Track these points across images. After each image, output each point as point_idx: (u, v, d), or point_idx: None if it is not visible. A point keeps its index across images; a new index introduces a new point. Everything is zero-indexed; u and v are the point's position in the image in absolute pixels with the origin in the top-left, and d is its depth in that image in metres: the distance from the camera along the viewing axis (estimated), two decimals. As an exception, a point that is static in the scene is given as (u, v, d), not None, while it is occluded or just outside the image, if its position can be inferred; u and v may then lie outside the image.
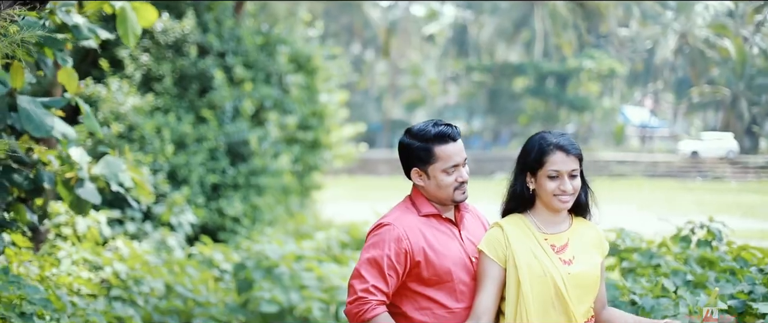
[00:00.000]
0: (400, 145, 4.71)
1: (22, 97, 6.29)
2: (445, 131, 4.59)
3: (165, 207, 13.28)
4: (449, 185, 4.60)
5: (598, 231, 4.69)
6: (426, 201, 4.70)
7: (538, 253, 4.47)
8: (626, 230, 8.05)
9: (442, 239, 4.64)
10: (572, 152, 4.47)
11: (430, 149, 4.57)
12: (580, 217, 4.69)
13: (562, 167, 4.47)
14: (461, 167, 4.65)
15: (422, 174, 4.64)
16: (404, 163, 4.71)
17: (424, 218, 4.66)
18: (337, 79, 19.16)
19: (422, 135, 4.60)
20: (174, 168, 14.31)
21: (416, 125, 4.70)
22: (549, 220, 4.58)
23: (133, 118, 14.00)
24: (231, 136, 15.03)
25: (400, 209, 4.74)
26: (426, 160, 4.59)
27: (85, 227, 9.62)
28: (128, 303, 8.70)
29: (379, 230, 4.61)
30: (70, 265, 8.75)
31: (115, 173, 7.17)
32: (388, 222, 4.61)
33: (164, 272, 9.85)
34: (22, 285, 6.28)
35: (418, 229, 4.60)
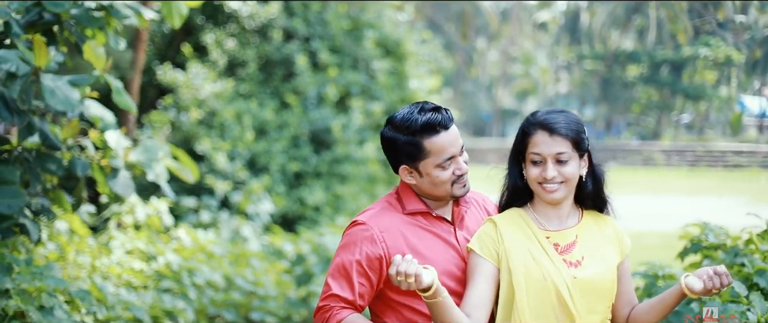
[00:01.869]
0: (382, 139, 4.02)
1: (47, 75, 5.92)
2: (434, 120, 3.88)
3: (242, 196, 12.95)
4: (446, 180, 3.93)
5: (615, 227, 4.01)
6: (414, 197, 4.03)
7: (537, 253, 3.80)
8: (710, 225, 7.33)
9: (430, 242, 3.95)
10: (558, 131, 3.78)
11: (419, 143, 3.89)
12: (593, 211, 4.01)
13: (544, 150, 3.80)
14: (458, 157, 3.95)
15: (413, 172, 3.97)
16: (390, 159, 4.04)
17: (408, 217, 3.98)
18: (429, 64, 18.58)
19: (407, 127, 3.89)
20: (254, 156, 13.97)
21: (399, 113, 3.97)
22: (551, 215, 3.90)
23: (214, 104, 13.72)
24: (314, 123, 14.62)
25: (381, 205, 4.06)
26: (415, 156, 3.91)
27: (145, 215, 9.32)
28: (179, 295, 8.33)
29: (350, 230, 3.96)
30: (124, 254, 8.44)
31: (152, 160, 6.78)
32: (362, 221, 3.95)
33: (225, 263, 9.48)
34: (45, 277, 5.95)
35: (399, 230, 3.93)
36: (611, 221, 4.03)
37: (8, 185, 6.10)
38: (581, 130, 3.83)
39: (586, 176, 3.89)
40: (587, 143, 3.86)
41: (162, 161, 6.92)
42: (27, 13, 6.40)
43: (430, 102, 3.97)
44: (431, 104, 3.96)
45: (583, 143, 3.84)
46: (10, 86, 5.83)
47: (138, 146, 6.94)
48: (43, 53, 5.83)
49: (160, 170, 6.86)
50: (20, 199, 6.06)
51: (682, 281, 3.72)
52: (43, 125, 6.45)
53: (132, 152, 6.85)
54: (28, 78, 5.85)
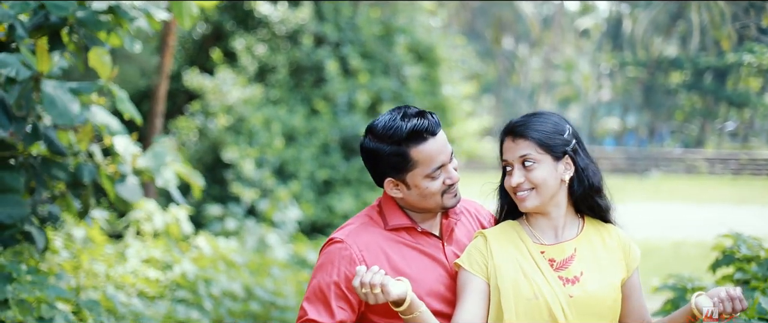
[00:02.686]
0: (363, 151, 3.66)
1: (48, 81, 5.74)
2: (421, 126, 3.53)
3: (269, 203, 12.76)
4: (436, 191, 3.59)
5: (621, 237, 3.67)
6: (398, 211, 3.68)
7: (529, 270, 3.49)
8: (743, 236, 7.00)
9: (415, 261, 3.63)
10: (520, 133, 3.52)
11: (406, 154, 3.54)
12: (597, 220, 3.69)
13: (509, 156, 3.56)
14: (448, 165, 3.62)
15: (399, 184, 3.62)
16: (373, 172, 3.69)
17: (391, 233, 3.65)
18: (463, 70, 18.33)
19: (391, 135, 3.53)
20: (282, 163, 13.79)
21: (379, 120, 3.61)
22: (546, 227, 3.60)
23: (242, 110, 13.56)
24: (344, 129, 14.42)
25: (361, 219, 3.72)
26: (402, 167, 3.57)
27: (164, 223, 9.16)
28: (194, 305, 8.13)
29: (327, 249, 3.63)
30: (139, 263, 8.28)
31: (160, 165, 6.60)
32: (340, 238, 3.60)
33: (245, 273, 9.28)
34: (45, 287, 5.77)
35: (380, 248, 3.59)
36: (617, 231, 3.71)
37: (10, 194, 5.93)
38: (557, 130, 3.56)
39: (572, 180, 3.59)
40: (568, 144, 3.57)
41: (171, 167, 6.74)
42: (34, 16, 6.25)
43: (413, 106, 3.65)
44: (414, 108, 3.63)
45: (557, 145, 3.55)
46: (9, 91, 5.65)
47: (147, 152, 6.76)
48: (45, 58, 5.65)
49: (168, 176, 6.67)
50: (22, 209, 5.89)
51: (693, 300, 3.44)
52: (48, 131, 6.29)
53: (141, 158, 6.67)
54: (29, 84, 5.67)
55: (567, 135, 3.57)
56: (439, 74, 16.16)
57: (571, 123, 3.65)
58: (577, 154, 3.58)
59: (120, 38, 6.64)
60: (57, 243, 8.19)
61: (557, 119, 3.61)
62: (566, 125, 3.60)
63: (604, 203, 3.67)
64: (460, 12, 45.47)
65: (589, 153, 3.68)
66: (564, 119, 3.64)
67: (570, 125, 3.62)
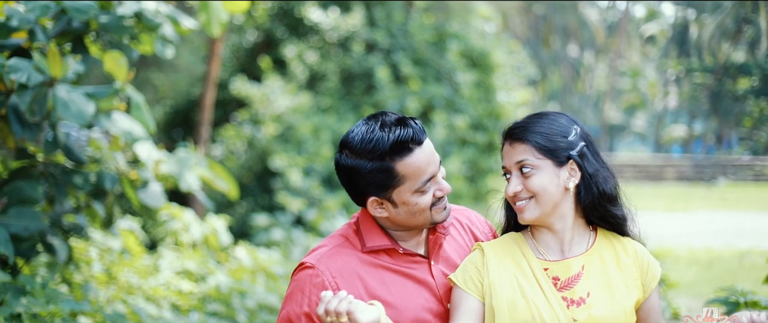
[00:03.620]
0: (339, 169, 3.25)
1: (61, 86, 5.53)
2: (405, 136, 3.13)
3: (317, 213, 12.51)
4: (426, 206, 3.20)
5: (638, 253, 3.28)
6: (377, 230, 3.28)
7: (528, 288, 3.13)
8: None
9: (396, 286, 3.24)
10: (517, 136, 3.18)
11: (391, 169, 3.13)
12: (611, 233, 3.30)
13: (506, 161, 3.22)
14: (437, 175, 3.23)
15: (384, 203, 3.21)
16: (352, 192, 3.26)
17: (369, 256, 3.25)
18: (519, 77, 17.95)
19: (372, 150, 3.12)
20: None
21: (355, 133, 3.18)
22: (552, 241, 3.23)
23: (291, 118, 13.35)
24: (395, 137, 14.09)
25: (335, 241, 3.31)
26: (387, 184, 3.16)
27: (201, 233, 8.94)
28: (227, 318, 7.88)
29: (297, 276, 3.24)
30: (173, 275, 8.06)
31: (184, 171, 6.37)
32: (310, 264, 3.21)
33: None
34: (59, 300, 5.56)
35: (356, 273, 3.20)
36: (634, 246, 3.31)
37: (27, 206, 5.72)
38: (561, 132, 3.19)
39: (579, 188, 3.21)
40: (573, 148, 3.20)
41: (194, 171, 6.50)
42: (58, 22, 6.07)
43: (391, 112, 3.24)
44: (392, 114, 3.22)
45: (559, 149, 3.18)
46: (21, 96, 5.44)
47: (171, 158, 6.54)
48: (58, 63, 5.43)
49: (191, 180, 6.44)
50: (38, 221, 5.68)
51: None
52: (68, 139, 6.09)
53: (164, 164, 6.45)
54: (42, 89, 5.46)
55: (573, 137, 3.20)
56: (494, 80, 15.81)
57: (582, 125, 3.27)
58: (584, 158, 3.20)
59: (151, 44, 6.47)
60: (92, 254, 8.03)
61: (564, 121, 3.24)
62: (573, 126, 3.23)
63: (619, 213, 3.28)
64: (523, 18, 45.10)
65: (604, 158, 3.29)
66: (573, 120, 3.27)
67: (579, 127, 3.25)
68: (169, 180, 6.45)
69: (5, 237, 5.46)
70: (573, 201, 3.22)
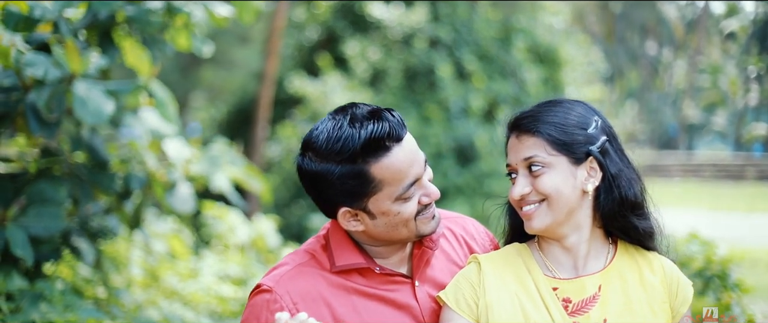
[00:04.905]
0: (302, 174, 2.75)
1: (81, 82, 5.22)
2: (380, 131, 2.63)
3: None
4: (410, 215, 2.70)
5: (666, 271, 2.77)
6: (349, 245, 2.79)
7: (532, 312, 2.63)
8: None
9: (371, 312, 2.75)
10: (526, 128, 2.69)
11: (365, 173, 2.64)
12: (632, 245, 2.79)
13: (512, 158, 2.73)
14: (423, 177, 2.73)
15: (359, 214, 2.72)
16: (320, 202, 2.78)
17: (338, 277, 2.76)
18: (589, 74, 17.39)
19: (341, 151, 2.63)
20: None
21: (320, 130, 2.70)
22: (563, 254, 2.73)
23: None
24: (458, 136, 13.68)
25: (299, 258, 2.82)
26: (361, 192, 2.67)
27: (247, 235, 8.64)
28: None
29: (252, 300, 2.76)
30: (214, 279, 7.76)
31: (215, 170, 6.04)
32: (268, 286, 2.72)
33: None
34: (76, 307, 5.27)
35: (322, 298, 2.71)
36: (662, 263, 2.80)
37: (49, 206, 5.44)
38: (579, 123, 2.71)
39: (599, 192, 2.71)
40: (593, 142, 2.70)
41: (225, 171, 6.16)
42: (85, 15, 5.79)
43: (362, 103, 2.76)
44: (364, 106, 2.73)
45: (577, 143, 2.69)
46: (39, 93, 5.15)
47: (202, 157, 6.22)
48: (76, 57, 5.12)
49: (221, 180, 6.10)
50: (59, 221, 5.39)
51: None
52: (93, 138, 5.80)
53: (195, 164, 6.13)
54: (60, 85, 5.17)
55: (593, 130, 2.71)
56: (562, 77, 15.28)
57: (603, 115, 2.79)
58: (606, 156, 2.71)
59: (188, 39, 6.17)
60: (135, 256, 7.79)
61: (582, 109, 2.77)
62: (593, 116, 2.75)
63: (645, 225, 2.76)
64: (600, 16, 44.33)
65: (628, 155, 2.80)
66: (592, 109, 2.79)
67: (599, 117, 2.77)
68: (199, 181, 6.13)
69: (23, 239, 5.20)
70: (591, 207, 2.73)
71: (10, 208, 5.37)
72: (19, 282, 5.23)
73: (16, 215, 5.35)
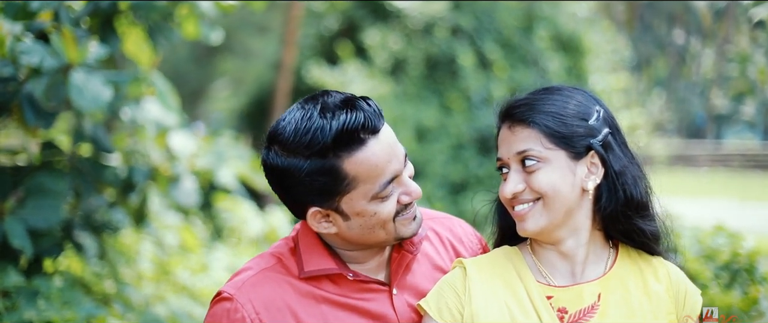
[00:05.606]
0: (267, 169, 2.52)
1: (79, 71, 5.03)
2: (353, 122, 2.39)
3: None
4: (388, 216, 2.46)
5: (673, 278, 2.50)
6: (320, 249, 2.55)
7: (522, 321, 2.37)
8: None
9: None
10: (521, 118, 2.45)
11: (336, 169, 2.40)
12: (635, 250, 2.52)
13: (503, 152, 2.48)
14: (402, 174, 2.50)
15: (331, 215, 2.49)
16: (287, 200, 2.55)
17: (307, 285, 2.52)
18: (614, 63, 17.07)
19: (309, 144, 2.39)
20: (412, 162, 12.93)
21: (287, 120, 2.45)
22: (559, 259, 2.47)
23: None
24: (479, 126, 13.44)
25: (265, 262, 2.58)
26: (332, 190, 2.43)
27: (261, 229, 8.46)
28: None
29: (213, 309, 2.54)
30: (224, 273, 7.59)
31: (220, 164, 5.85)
32: (229, 294, 2.50)
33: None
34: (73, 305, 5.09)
35: (287, 307, 2.48)
36: (668, 269, 2.54)
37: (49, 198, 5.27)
38: (579, 113, 2.46)
39: (600, 190, 2.46)
40: (595, 135, 2.45)
41: (230, 165, 5.97)
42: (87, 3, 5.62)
43: (336, 91, 2.51)
44: (337, 94, 2.49)
45: (576, 136, 2.43)
46: (36, 82, 4.98)
47: (208, 151, 6.03)
48: (73, 47, 4.95)
49: (226, 175, 5.91)
50: (57, 214, 5.22)
51: None
52: (96, 130, 5.63)
53: (201, 158, 5.94)
54: (58, 75, 4.99)
55: (594, 121, 2.46)
56: (586, 65, 14.99)
57: (604, 104, 2.53)
58: (609, 150, 2.46)
59: (196, 26, 6.00)
60: (145, 249, 7.63)
61: (582, 98, 2.52)
62: (595, 106, 2.50)
63: (650, 227, 2.51)
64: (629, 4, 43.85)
65: (632, 150, 2.54)
66: (593, 98, 2.54)
67: (601, 107, 2.52)
68: (203, 176, 5.94)
69: (21, 231, 5.04)
70: (591, 208, 2.47)
71: (7, 200, 5.21)
72: (15, 278, 5.07)
73: (14, 207, 5.19)
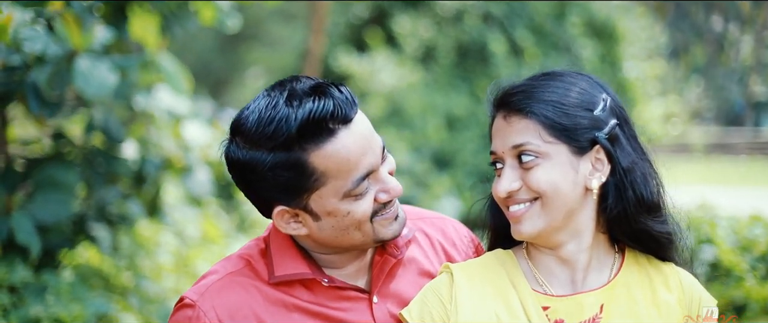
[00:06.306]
0: (230, 163, 2.26)
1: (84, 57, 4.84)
2: (322, 111, 2.14)
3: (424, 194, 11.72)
4: (364, 216, 2.20)
5: (685, 286, 2.23)
6: (292, 251, 2.29)
7: None
8: None
9: None
10: (517, 107, 2.15)
11: (302, 163, 2.16)
12: (643, 255, 2.25)
13: (497, 145, 2.18)
14: (380, 169, 2.23)
15: (300, 214, 2.24)
16: (252, 197, 2.30)
17: (277, 291, 2.27)
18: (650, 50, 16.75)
19: (273, 135, 2.15)
20: (440, 151, 12.70)
21: (250, 109, 2.21)
22: (559, 265, 2.20)
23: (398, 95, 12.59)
24: (510, 114, 13.23)
25: (232, 265, 2.33)
26: (299, 186, 2.19)
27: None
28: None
29: (174, 316, 2.30)
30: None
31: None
32: (191, 301, 2.25)
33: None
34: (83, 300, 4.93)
35: (254, 315, 2.24)
36: (679, 277, 2.27)
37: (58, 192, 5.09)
38: (583, 102, 2.17)
39: (606, 189, 2.18)
40: (600, 127, 2.18)
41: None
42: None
43: (306, 77, 2.25)
44: (307, 80, 2.23)
45: (580, 128, 2.15)
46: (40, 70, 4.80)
47: (223, 141, 5.84)
48: (77, 32, 4.76)
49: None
50: (67, 208, 5.06)
51: None
52: (108, 120, 5.46)
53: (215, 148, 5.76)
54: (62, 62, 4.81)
55: (600, 111, 2.19)
56: (620, 52, 14.68)
57: (611, 91, 2.26)
58: (616, 144, 2.19)
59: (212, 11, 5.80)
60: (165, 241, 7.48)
61: (586, 84, 2.24)
62: (601, 94, 2.23)
63: (662, 230, 2.23)
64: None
65: (643, 144, 2.27)
66: (599, 84, 2.26)
67: (608, 95, 2.24)
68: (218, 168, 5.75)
69: (28, 227, 4.87)
70: (595, 208, 2.20)
71: (15, 194, 5.04)
72: (23, 273, 4.91)
73: (22, 201, 5.03)
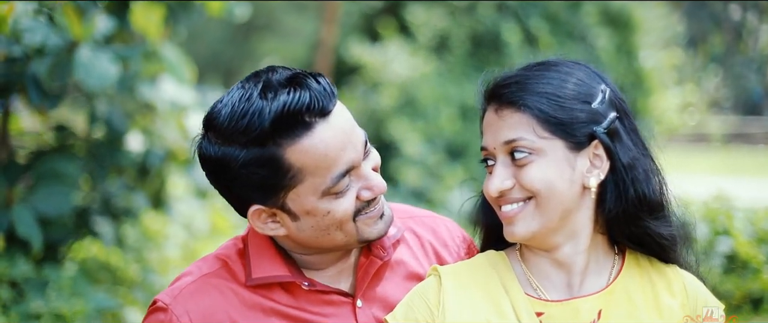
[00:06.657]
0: (203, 160, 2.16)
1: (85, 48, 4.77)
2: (297, 103, 2.03)
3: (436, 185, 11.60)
4: (346, 216, 2.10)
5: (689, 290, 2.10)
6: (272, 252, 2.18)
7: None
8: None
9: None
10: (510, 100, 2.02)
11: (276, 159, 2.05)
12: (645, 257, 2.12)
13: (489, 141, 2.07)
14: (361, 165, 2.13)
15: (277, 213, 2.13)
16: (227, 195, 2.19)
17: (255, 294, 2.16)
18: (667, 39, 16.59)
19: (246, 130, 2.03)
20: (453, 142, 12.58)
21: (224, 102, 2.09)
22: (554, 268, 2.08)
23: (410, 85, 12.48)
24: (525, 105, 13.09)
25: (207, 266, 2.22)
26: (274, 185, 2.08)
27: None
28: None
29: (146, 319, 2.21)
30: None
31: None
32: (164, 304, 2.14)
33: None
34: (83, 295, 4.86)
35: (229, 320, 2.13)
36: (682, 280, 2.15)
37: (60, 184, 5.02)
38: (579, 94, 2.04)
39: (604, 187, 2.06)
40: (599, 121, 2.05)
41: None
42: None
43: (283, 67, 2.13)
44: (284, 70, 2.11)
45: (577, 121, 2.03)
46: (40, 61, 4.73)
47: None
48: (78, 23, 4.69)
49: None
50: (68, 201, 4.99)
51: None
52: (111, 112, 5.39)
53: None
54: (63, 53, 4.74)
55: (599, 104, 2.06)
56: (636, 41, 14.52)
57: (610, 82, 2.13)
58: (616, 139, 2.07)
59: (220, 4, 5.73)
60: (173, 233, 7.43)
61: (583, 75, 2.11)
62: (600, 85, 2.10)
63: (665, 231, 2.11)
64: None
65: (644, 138, 2.15)
66: (598, 75, 2.13)
67: (607, 86, 2.11)
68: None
69: (29, 220, 4.81)
70: (593, 208, 2.09)
71: (16, 186, 4.98)
72: (24, 267, 4.84)
73: (24, 193, 4.97)
